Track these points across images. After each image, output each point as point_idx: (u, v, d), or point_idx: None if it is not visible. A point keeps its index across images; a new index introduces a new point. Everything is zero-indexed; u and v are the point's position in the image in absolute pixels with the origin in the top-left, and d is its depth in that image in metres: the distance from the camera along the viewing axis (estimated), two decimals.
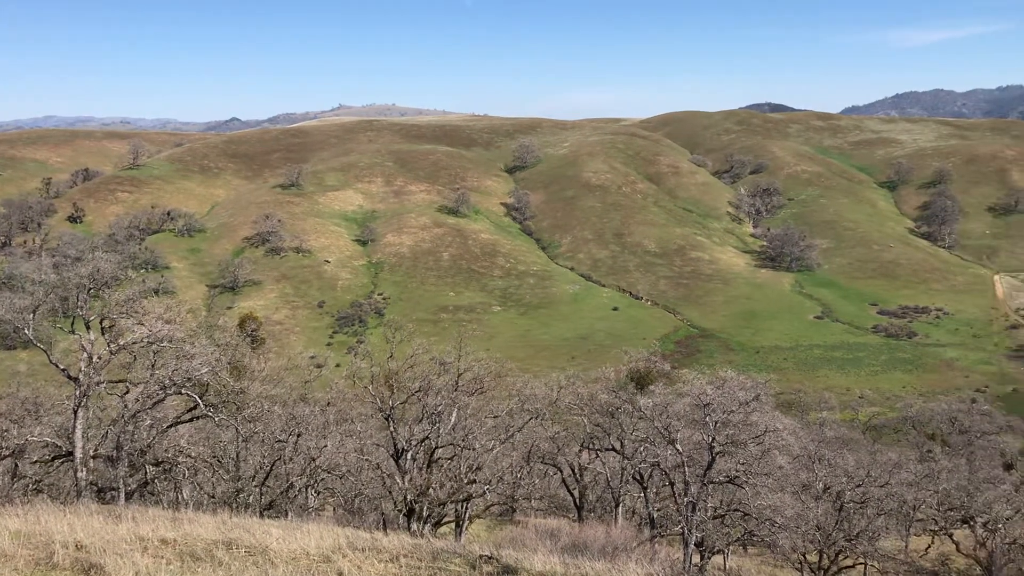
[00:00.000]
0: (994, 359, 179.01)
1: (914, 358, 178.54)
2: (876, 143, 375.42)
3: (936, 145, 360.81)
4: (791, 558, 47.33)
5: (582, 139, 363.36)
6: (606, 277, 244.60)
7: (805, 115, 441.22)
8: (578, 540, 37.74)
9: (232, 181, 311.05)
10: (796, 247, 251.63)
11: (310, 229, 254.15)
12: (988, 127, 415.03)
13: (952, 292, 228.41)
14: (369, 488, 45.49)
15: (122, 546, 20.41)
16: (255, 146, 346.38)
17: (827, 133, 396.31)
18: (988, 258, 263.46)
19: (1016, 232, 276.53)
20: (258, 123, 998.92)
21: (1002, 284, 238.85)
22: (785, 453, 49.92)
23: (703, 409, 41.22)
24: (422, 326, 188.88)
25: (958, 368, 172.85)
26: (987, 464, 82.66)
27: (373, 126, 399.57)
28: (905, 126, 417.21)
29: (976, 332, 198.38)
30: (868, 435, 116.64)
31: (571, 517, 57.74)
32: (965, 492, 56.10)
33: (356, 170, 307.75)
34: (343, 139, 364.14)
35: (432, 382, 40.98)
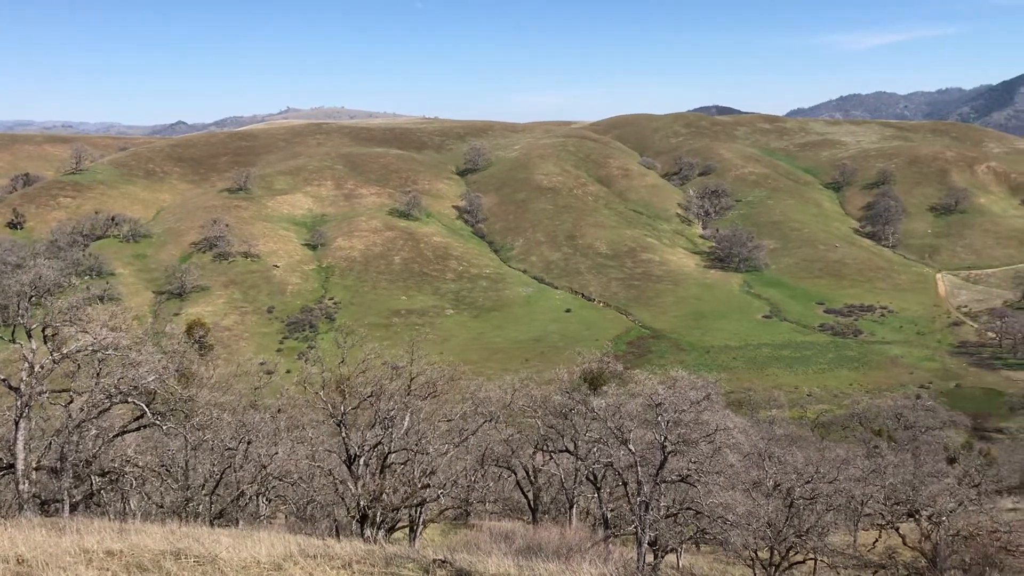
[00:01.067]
0: (937, 355, 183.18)
1: (860, 356, 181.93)
2: (821, 145, 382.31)
3: (879, 146, 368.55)
4: (743, 555, 47.82)
5: (533, 141, 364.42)
6: (559, 279, 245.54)
7: (752, 118, 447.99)
8: (532, 542, 37.76)
9: (178, 185, 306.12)
10: (744, 248, 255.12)
11: (259, 233, 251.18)
12: (929, 129, 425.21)
13: (896, 291, 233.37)
14: (321, 495, 45.03)
15: (65, 559, 19.91)
16: (202, 150, 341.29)
17: (773, 135, 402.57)
18: (930, 257, 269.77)
19: (956, 231, 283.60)
20: (205, 126, 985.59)
21: (944, 282, 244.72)
22: (736, 451, 50.48)
23: (655, 409, 41.50)
24: (374, 330, 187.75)
25: (903, 365, 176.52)
26: (932, 458, 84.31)
27: (322, 129, 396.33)
28: (849, 128, 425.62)
29: (920, 329, 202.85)
30: (817, 432, 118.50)
31: (526, 519, 57.74)
32: (911, 486, 57.19)
33: (305, 173, 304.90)
34: (291, 142, 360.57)
35: (384, 387, 40.65)
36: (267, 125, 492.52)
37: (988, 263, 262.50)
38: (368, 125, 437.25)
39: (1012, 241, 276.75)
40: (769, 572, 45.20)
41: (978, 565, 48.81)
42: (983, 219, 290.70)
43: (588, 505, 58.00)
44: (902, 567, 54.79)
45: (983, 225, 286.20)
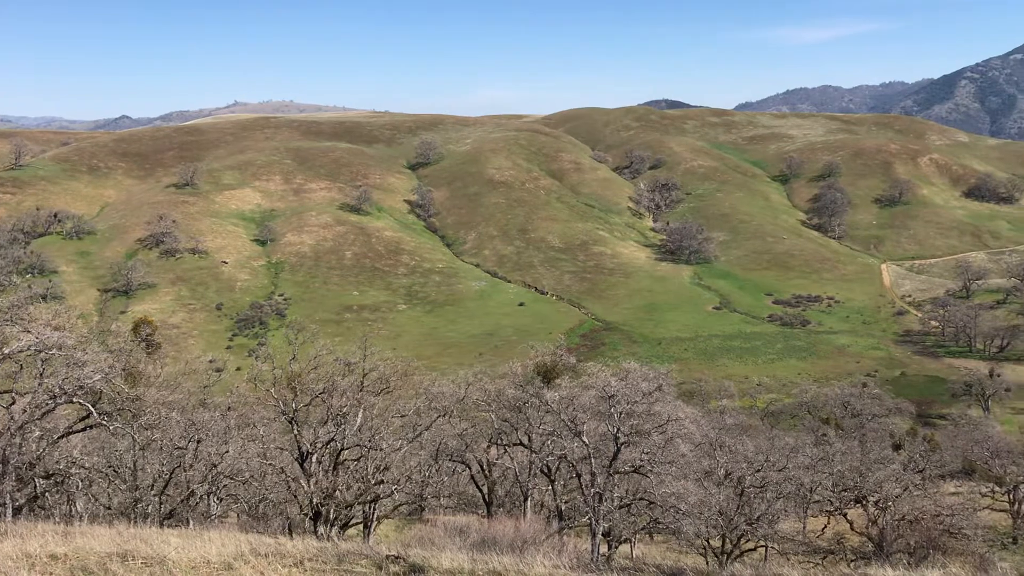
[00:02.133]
0: (882, 344, 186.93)
1: (808, 345, 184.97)
2: (769, 138, 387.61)
3: (825, 140, 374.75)
4: (695, 544, 48.38)
5: (485, 135, 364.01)
6: (511, 273, 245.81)
7: (701, 111, 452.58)
8: (487, 536, 37.78)
9: (123, 181, 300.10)
10: (694, 240, 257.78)
11: (206, 229, 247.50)
12: (873, 122, 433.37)
13: (842, 281, 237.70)
14: (274, 493, 44.63)
15: (7, 564, 19.45)
16: (147, 145, 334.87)
17: (722, 129, 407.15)
18: (875, 248, 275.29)
19: (900, 222, 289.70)
20: (150, 121, 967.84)
21: (889, 272, 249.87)
22: (687, 441, 51.11)
23: (608, 401, 41.78)
24: (325, 326, 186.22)
25: (849, 354, 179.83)
26: (878, 445, 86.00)
27: (271, 123, 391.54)
28: (796, 121, 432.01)
29: (865, 319, 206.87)
30: (766, 421, 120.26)
31: (480, 513, 57.78)
32: (858, 473, 58.33)
33: (254, 168, 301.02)
34: (239, 136, 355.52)
35: (337, 383, 40.35)
36: (214, 119, 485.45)
37: (931, 253, 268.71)
38: (317, 119, 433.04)
39: (954, 232, 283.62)
40: (721, 560, 45.75)
41: (922, 548, 49.93)
42: (926, 210, 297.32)
43: (543, 498, 58.22)
44: (850, 552, 55.83)
45: (926, 216, 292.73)
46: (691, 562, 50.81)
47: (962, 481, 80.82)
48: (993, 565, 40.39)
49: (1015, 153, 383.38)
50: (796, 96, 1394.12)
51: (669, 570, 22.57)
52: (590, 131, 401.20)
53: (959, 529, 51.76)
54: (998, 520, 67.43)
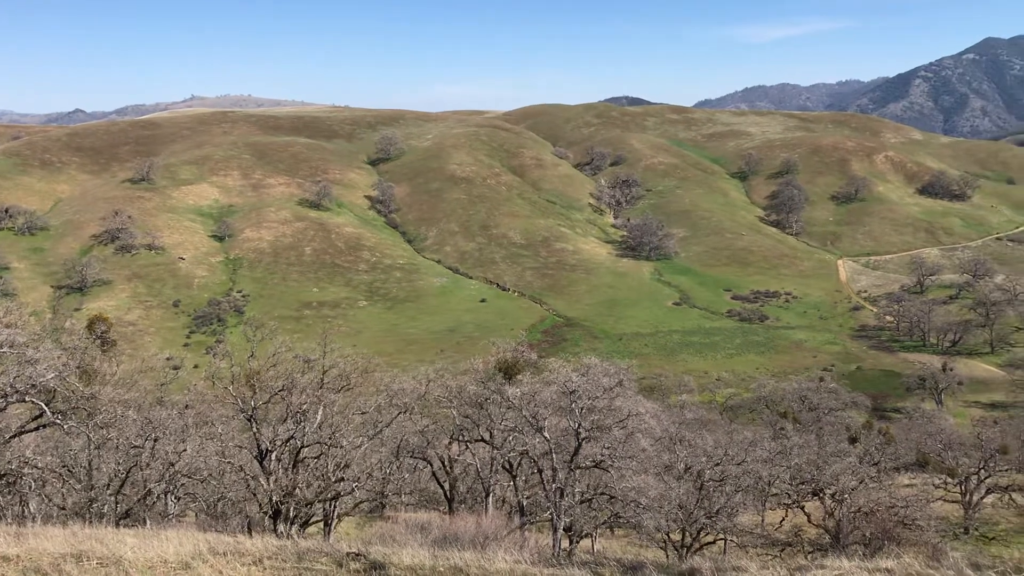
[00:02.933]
0: (839, 339, 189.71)
1: (766, 340, 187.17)
2: (727, 135, 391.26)
3: (783, 137, 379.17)
4: (655, 537, 48.75)
5: (446, 131, 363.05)
6: (473, 269, 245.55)
7: (661, 108, 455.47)
8: (449, 532, 37.72)
9: (77, 176, 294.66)
10: (655, 236, 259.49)
11: (163, 225, 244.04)
12: (830, 120, 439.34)
13: (800, 277, 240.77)
14: (233, 491, 44.14)
15: None
16: (102, 139, 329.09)
17: (682, 126, 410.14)
18: (832, 244, 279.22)
19: (856, 219, 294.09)
20: (105, 115, 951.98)
21: (845, 268, 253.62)
22: (648, 436, 51.45)
23: (569, 396, 41.94)
24: (285, 323, 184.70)
25: (806, 349, 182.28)
26: (834, 438, 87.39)
27: (228, 117, 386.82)
28: (754, 119, 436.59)
29: (822, 314, 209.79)
30: (725, 415, 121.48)
31: (442, 510, 57.69)
32: (815, 466, 59.14)
33: (211, 163, 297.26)
34: (197, 131, 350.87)
35: (296, 380, 39.99)
36: (171, 113, 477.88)
37: (886, 249, 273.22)
38: (276, 114, 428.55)
39: (908, 228, 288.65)
40: (681, 553, 46.13)
41: (878, 540, 50.77)
42: (881, 207, 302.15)
43: (504, 493, 58.26)
44: (807, 544, 56.63)
45: (881, 213, 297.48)
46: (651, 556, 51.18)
47: (916, 473, 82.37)
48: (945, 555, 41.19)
49: (967, 151, 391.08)
50: (755, 94, 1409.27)
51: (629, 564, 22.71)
52: (551, 127, 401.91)
53: (913, 520, 52.69)
54: (950, 511, 68.79)
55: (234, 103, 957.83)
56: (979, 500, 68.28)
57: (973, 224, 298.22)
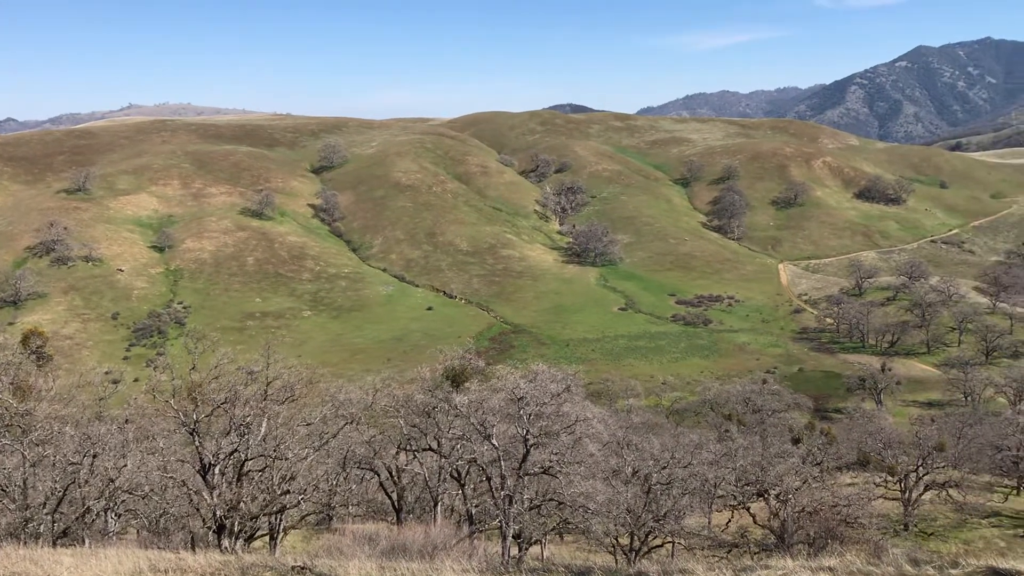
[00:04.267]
0: (781, 342, 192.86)
1: (710, 344, 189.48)
2: (670, 142, 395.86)
3: (724, 143, 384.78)
4: (604, 542, 48.98)
5: (390, 138, 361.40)
6: (419, 277, 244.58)
7: (604, 116, 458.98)
8: (397, 543, 37.43)
9: (10, 186, 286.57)
10: (600, 243, 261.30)
11: (101, 236, 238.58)
12: (769, 126, 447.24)
13: (742, 281, 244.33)
14: (175, 506, 43.30)
15: None
16: (35, 148, 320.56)
17: (625, 133, 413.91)
18: (773, 248, 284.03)
19: (796, 223, 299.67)
20: (38, 124, 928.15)
21: (786, 272, 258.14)
22: (595, 441, 51.64)
23: (517, 403, 41.93)
24: (227, 334, 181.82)
25: (750, 351, 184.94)
26: (778, 440, 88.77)
27: (167, 126, 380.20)
28: (696, 126, 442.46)
29: (764, 317, 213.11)
30: (672, 419, 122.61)
31: (390, 520, 57.23)
32: (759, 467, 59.97)
33: (150, 172, 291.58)
34: (134, 140, 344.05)
35: (239, 392, 39.38)
36: (108, 122, 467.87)
37: (825, 253, 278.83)
38: (216, 122, 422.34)
39: (846, 232, 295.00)
40: (629, 557, 46.37)
41: (821, 538, 51.64)
42: (820, 211, 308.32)
43: (453, 502, 58.03)
44: (753, 544, 57.37)
45: (820, 217, 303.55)
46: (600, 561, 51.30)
47: (857, 472, 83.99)
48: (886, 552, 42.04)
49: (902, 156, 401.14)
50: (696, 101, 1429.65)
51: (578, 569, 22.73)
52: (496, 135, 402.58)
53: (855, 518, 53.76)
54: (890, 508, 70.31)
55: (173, 111, 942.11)
56: (918, 497, 69.91)
57: (908, 227, 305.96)
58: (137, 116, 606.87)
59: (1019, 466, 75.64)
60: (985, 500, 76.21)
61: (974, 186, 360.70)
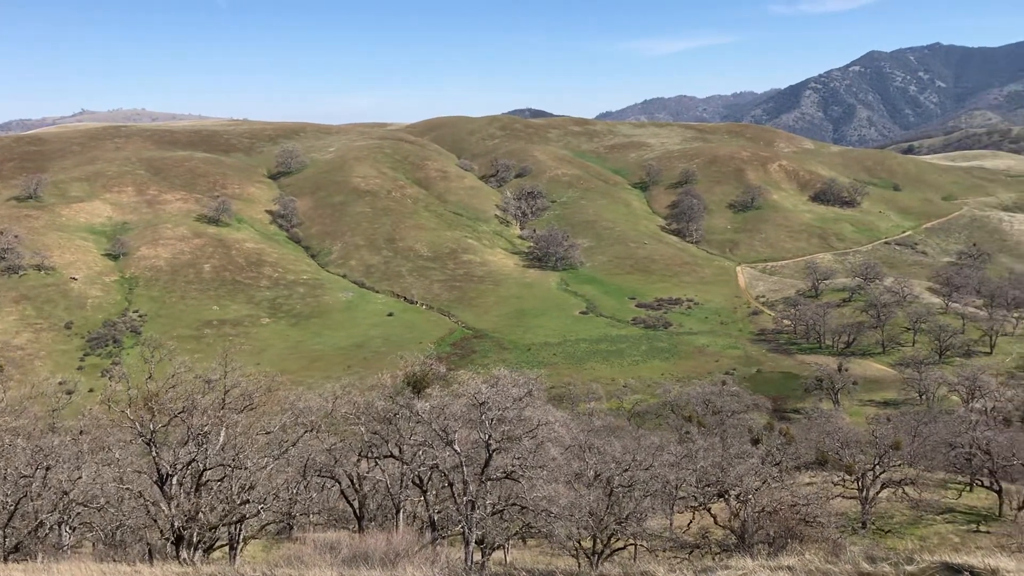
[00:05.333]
0: (739, 343, 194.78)
1: (670, 346, 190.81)
2: (628, 147, 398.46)
3: (682, 148, 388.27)
4: (567, 546, 49.05)
5: (349, 143, 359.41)
6: (379, 283, 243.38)
7: (563, 120, 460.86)
8: (359, 551, 37.14)
9: None
10: (560, 247, 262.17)
11: (53, 244, 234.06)
12: (726, 131, 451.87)
13: (701, 284, 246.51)
14: (132, 518, 42.56)
15: None
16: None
17: (584, 138, 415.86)
18: (730, 251, 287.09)
19: (753, 226, 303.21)
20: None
21: (743, 274, 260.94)
22: (557, 444, 51.75)
23: (479, 408, 41.90)
24: (184, 343, 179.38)
25: (709, 353, 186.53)
26: (737, 441, 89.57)
27: (121, 132, 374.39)
28: (654, 130, 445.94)
29: (723, 319, 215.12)
30: (633, 422, 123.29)
31: (352, 528, 56.80)
32: (720, 468, 60.52)
33: (104, 179, 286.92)
34: (87, 146, 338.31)
35: (197, 401, 38.87)
36: (59, 128, 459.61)
37: (782, 255, 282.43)
38: (172, 128, 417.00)
39: (802, 234, 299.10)
40: (592, 560, 46.49)
41: (781, 538, 52.19)
42: (776, 214, 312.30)
43: (415, 509, 57.80)
44: (714, 545, 57.79)
45: (776, 220, 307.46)
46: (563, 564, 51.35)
47: (816, 471, 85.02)
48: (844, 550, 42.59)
49: (856, 159, 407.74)
50: (654, 105, 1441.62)
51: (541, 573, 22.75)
52: (455, 140, 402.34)
53: (814, 517, 54.39)
54: (848, 507, 71.29)
55: (127, 117, 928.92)
56: (875, 495, 70.97)
57: (863, 229, 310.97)
58: (90, 122, 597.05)
59: (972, 463, 77.13)
60: (940, 497, 77.59)
61: (926, 188, 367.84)
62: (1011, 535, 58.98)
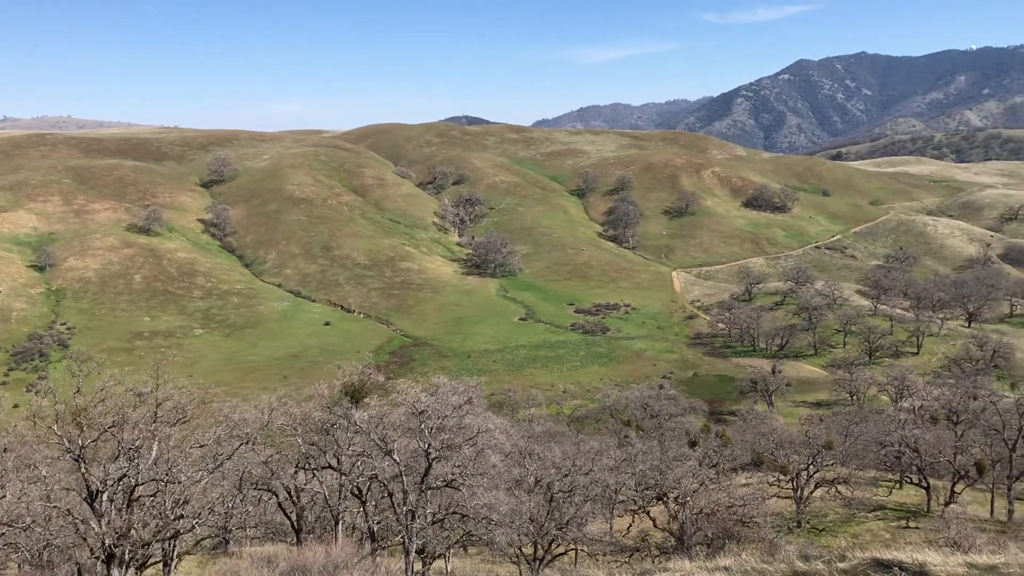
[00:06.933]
0: (676, 347, 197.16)
1: (608, 351, 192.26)
2: (565, 154, 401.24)
3: (617, 155, 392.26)
4: (508, 553, 49.01)
5: (283, 151, 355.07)
6: (316, 292, 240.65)
7: (500, 128, 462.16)
8: (297, 564, 36.59)
9: None
10: (499, 254, 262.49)
11: None
12: (660, 138, 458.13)
13: (638, 289, 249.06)
14: (60, 537, 41.24)
15: None
16: None
17: (521, 145, 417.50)
18: (666, 256, 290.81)
19: (688, 232, 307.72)
20: None
21: (679, 279, 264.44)
22: (498, 451, 51.73)
23: (418, 417, 41.67)
24: (115, 355, 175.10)
25: (646, 358, 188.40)
26: (675, 444, 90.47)
27: (46, 140, 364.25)
28: (590, 138, 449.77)
29: (660, 324, 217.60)
30: (573, 427, 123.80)
31: (290, 541, 55.94)
32: (658, 471, 61.15)
33: (28, 188, 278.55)
34: (10, 155, 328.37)
35: (128, 415, 37.86)
36: None
37: (716, 260, 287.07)
38: (100, 135, 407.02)
39: (735, 239, 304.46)
40: (533, 566, 46.54)
41: (719, 539, 52.92)
42: (710, 220, 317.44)
43: (354, 520, 57.15)
44: (654, 548, 58.32)
45: (710, 226, 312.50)
46: (504, 572, 51.36)
47: (752, 472, 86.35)
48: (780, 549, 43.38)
49: (786, 165, 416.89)
50: (589, 113, 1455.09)
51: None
52: (392, 147, 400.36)
53: (751, 518, 55.27)
54: (784, 507, 72.60)
55: (53, 125, 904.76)
56: (809, 494, 72.37)
57: (794, 234, 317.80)
58: (12, 130, 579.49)
59: (901, 461, 79.22)
60: (871, 495, 79.52)
61: (854, 194, 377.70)
62: (938, 530, 60.70)
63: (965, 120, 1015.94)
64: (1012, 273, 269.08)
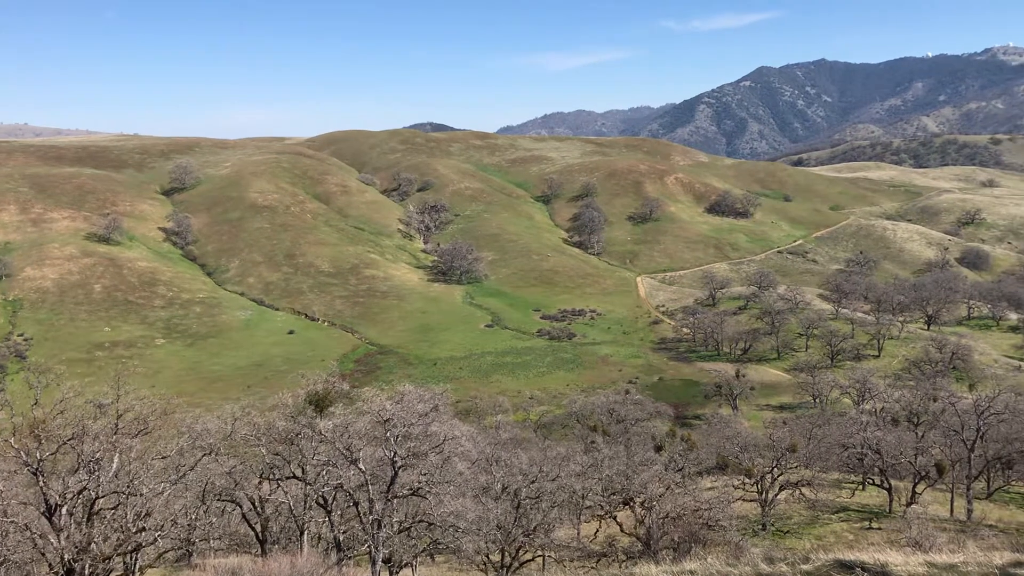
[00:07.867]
0: (641, 352, 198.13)
1: (574, 357, 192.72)
2: (530, 160, 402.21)
3: (582, 161, 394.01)
4: (475, 560, 48.89)
5: (245, 158, 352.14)
6: (280, 300, 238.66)
7: (465, 134, 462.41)
8: (262, 575, 36.22)
9: None
10: (465, 260, 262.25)
11: None
12: (624, 144, 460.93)
13: (603, 294, 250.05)
14: (17, 553, 40.43)
15: None
16: None
17: (486, 151, 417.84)
18: (631, 262, 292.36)
19: (652, 238, 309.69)
20: None
21: (644, 285, 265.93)
22: (464, 459, 51.62)
23: (384, 425, 41.44)
24: (74, 367, 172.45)
25: (612, 363, 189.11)
26: (641, 448, 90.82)
27: (2, 147, 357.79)
28: (554, 144, 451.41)
29: (625, 329, 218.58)
30: (539, 433, 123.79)
31: (254, 552, 55.30)
32: (624, 476, 61.29)
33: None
34: None
35: (87, 427, 37.23)
36: None
37: (680, 265, 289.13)
38: (58, 143, 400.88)
39: (699, 245, 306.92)
40: (501, 573, 46.46)
41: (685, 543, 53.19)
42: (674, 226, 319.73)
43: (320, 530, 56.66)
44: (621, 553, 58.45)
45: (674, 231, 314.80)
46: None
47: (717, 476, 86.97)
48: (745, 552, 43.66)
49: (748, 172, 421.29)
50: (554, 120, 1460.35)
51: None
52: (356, 154, 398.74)
53: (716, 521, 55.60)
54: (749, 510, 73.11)
55: (9, 132, 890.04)
56: (774, 497, 72.96)
57: (756, 239, 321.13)
58: None
59: (864, 462, 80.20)
60: (835, 496, 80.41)
61: (815, 199, 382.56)
62: (900, 530, 61.53)
63: (922, 126, 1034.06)
64: (969, 276, 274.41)
